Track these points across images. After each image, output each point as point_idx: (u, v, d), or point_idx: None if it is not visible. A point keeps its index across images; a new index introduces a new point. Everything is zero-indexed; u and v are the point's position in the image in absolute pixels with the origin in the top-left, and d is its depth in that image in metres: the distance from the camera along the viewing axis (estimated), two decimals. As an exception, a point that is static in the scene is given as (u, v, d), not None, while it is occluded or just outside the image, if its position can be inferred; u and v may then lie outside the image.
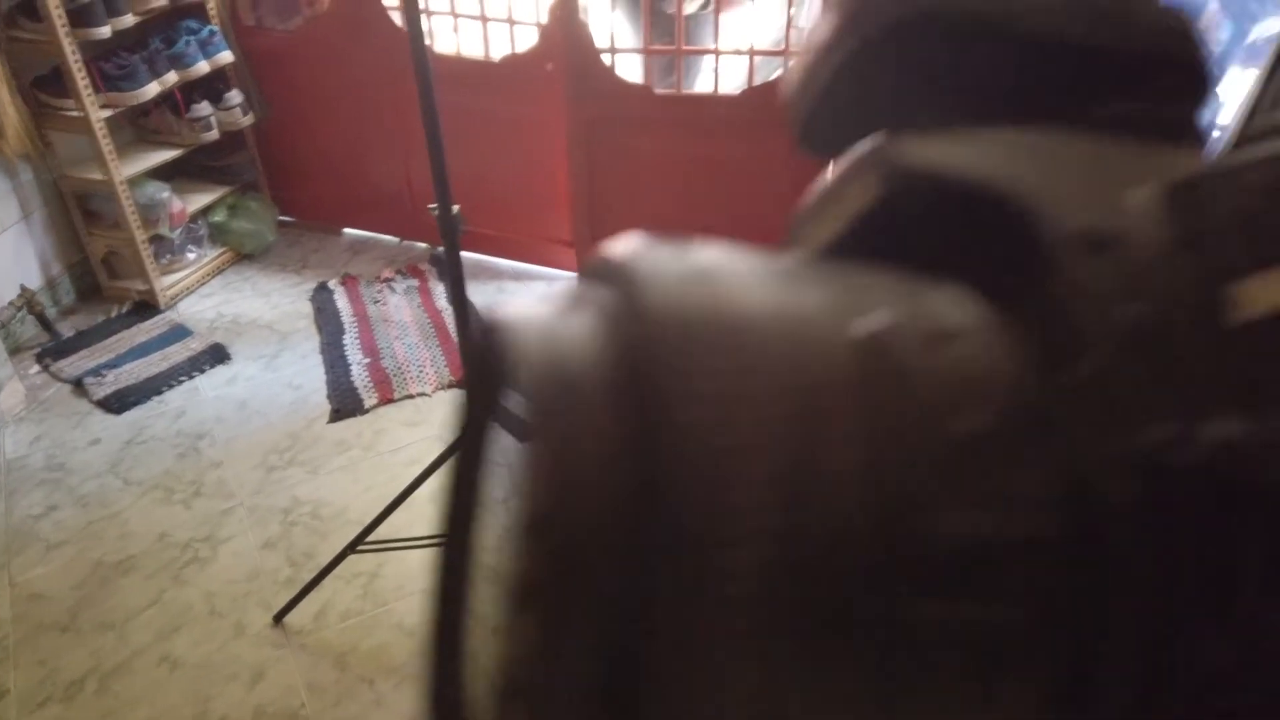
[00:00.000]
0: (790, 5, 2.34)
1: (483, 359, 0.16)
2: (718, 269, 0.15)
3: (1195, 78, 0.21)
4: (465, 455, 0.17)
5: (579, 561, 0.13)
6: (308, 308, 2.75)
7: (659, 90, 2.43)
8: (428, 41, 2.58)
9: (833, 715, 0.13)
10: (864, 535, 0.13)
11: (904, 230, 0.18)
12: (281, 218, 3.09)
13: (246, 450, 2.23)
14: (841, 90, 0.20)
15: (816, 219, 0.20)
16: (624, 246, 0.15)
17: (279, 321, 2.70)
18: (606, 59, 2.38)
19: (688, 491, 0.13)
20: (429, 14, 2.61)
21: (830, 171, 0.20)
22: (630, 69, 2.53)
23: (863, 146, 0.19)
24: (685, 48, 2.40)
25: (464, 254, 2.80)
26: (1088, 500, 0.14)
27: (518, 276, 2.89)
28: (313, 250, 3.03)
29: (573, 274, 2.75)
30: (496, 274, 2.89)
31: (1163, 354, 0.15)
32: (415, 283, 2.84)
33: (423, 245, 2.97)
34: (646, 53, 2.41)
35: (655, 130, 2.42)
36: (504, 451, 0.16)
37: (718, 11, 2.38)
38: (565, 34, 2.34)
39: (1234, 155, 0.16)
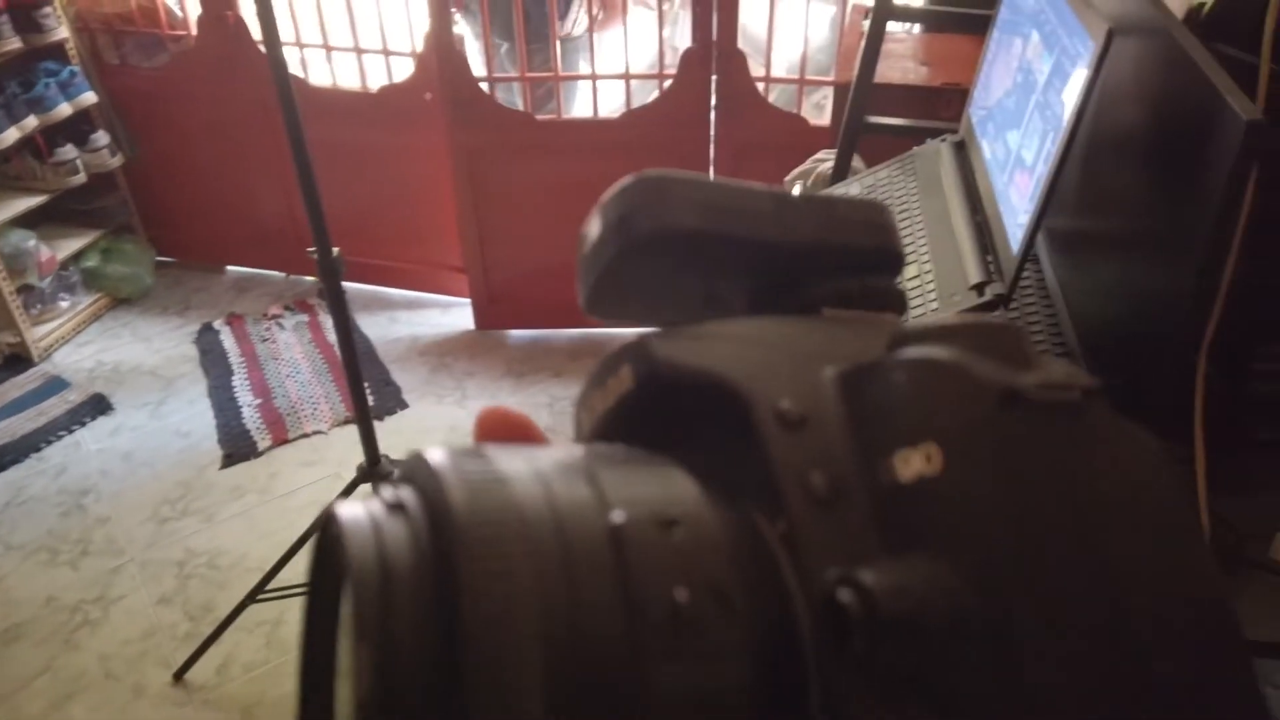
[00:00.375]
0: (662, 28, 2.39)
1: (324, 551, 0.20)
2: (509, 475, 0.19)
3: (890, 258, 0.26)
4: (314, 637, 0.21)
5: None
6: (192, 350, 2.68)
7: (540, 116, 2.45)
8: (301, 74, 2.55)
9: None
10: (615, 680, 0.17)
11: (657, 411, 0.23)
12: (160, 259, 3.00)
13: (135, 504, 2.16)
14: (613, 280, 0.24)
15: (594, 393, 0.24)
16: (435, 456, 0.19)
17: (163, 367, 2.62)
18: (485, 86, 2.39)
19: (478, 664, 0.17)
20: (301, 46, 2.58)
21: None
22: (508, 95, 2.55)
23: (624, 341, 0.24)
24: (563, 74, 2.43)
25: (355, 286, 2.79)
26: (788, 633, 0.19)
27: (410, 305, 2.87)
28: (195, 290, 2.95)
29: (465, 299, 2.75)
30: (388, 304, 2.87)
31: (834, 512, 0.19)
32: (305, 318, 2.80)
33: (310, 279, 2.93)
34: (524, 80, 2.43)
35: (538, 155, 2.44)
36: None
37: (592, 31, 2.42)
38: (442, 63, 2.35)
39: (892, 355, 0.20)
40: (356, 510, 0.19)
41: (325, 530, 0.20)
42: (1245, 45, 0.93)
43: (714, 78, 2.31)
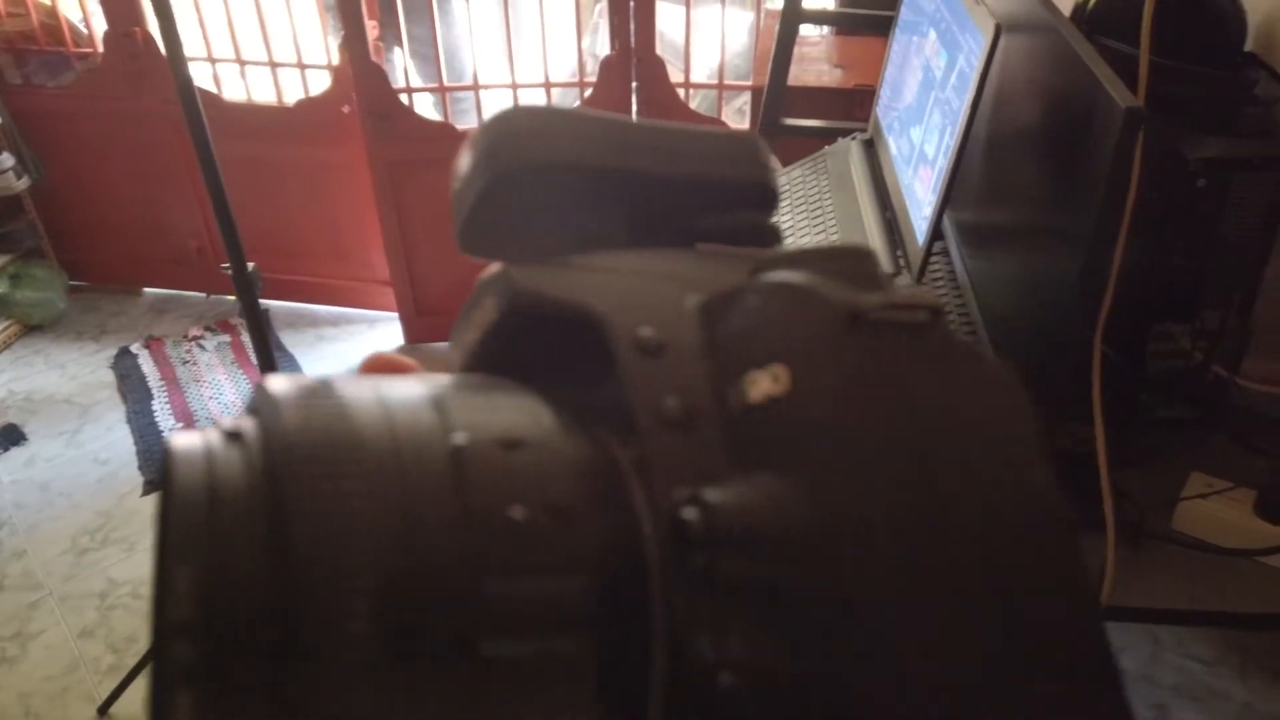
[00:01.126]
0: (581, 37, 2.40)
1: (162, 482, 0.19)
2: (351, 401, 0.19)
3: (766, 192, 0.26)
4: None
5: (223, 648, 0.16)
6: (109, 376, 2.60)
7: (461, 126, 2.44)
8: (214, 89, 2.51)
9: None
10: (448, 595, 0.17)
11: (522, 339, 0.22)
12: (73, 283, 2.91)
13: (53, 535, 2.09)
14: (485, 213, 0.24)
15: (463, 327, 0.24)
16: (275, 384, 0.19)
17: (79, 393, 2.54)
18: (404, 98, 2.37)
19: (309, 581, 0.16)
20: (213, 61, 2.53)
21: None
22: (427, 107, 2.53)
23: (489, 271, 0.23)
24: (482, 84, 2.42)
25: (280, 304, 2.74)
26: (633, 550, 0.19)
27: (336, 322, 2.83)
28: (111, 314, 2.87)
29: (393, 313, 2.72)
30: (314, 321, 2.83)
31: (686, 435, 0.19)
32: (227, 338, 2.74)
33: (232, 299, 2.86)
34: (442, 90, 2.42)
35: (461, 166, 2.43)
36: None
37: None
38: (359, 75, 2.32)
39: (750, 280, 0.21)
40: (191, 439, 0.18)
41: (165, 465, 0.19)
42: (1127, 38, 0.97)
43: (634, 84, 2.33)
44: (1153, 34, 0.93)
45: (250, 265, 1.40)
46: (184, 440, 0.18)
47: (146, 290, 2.96)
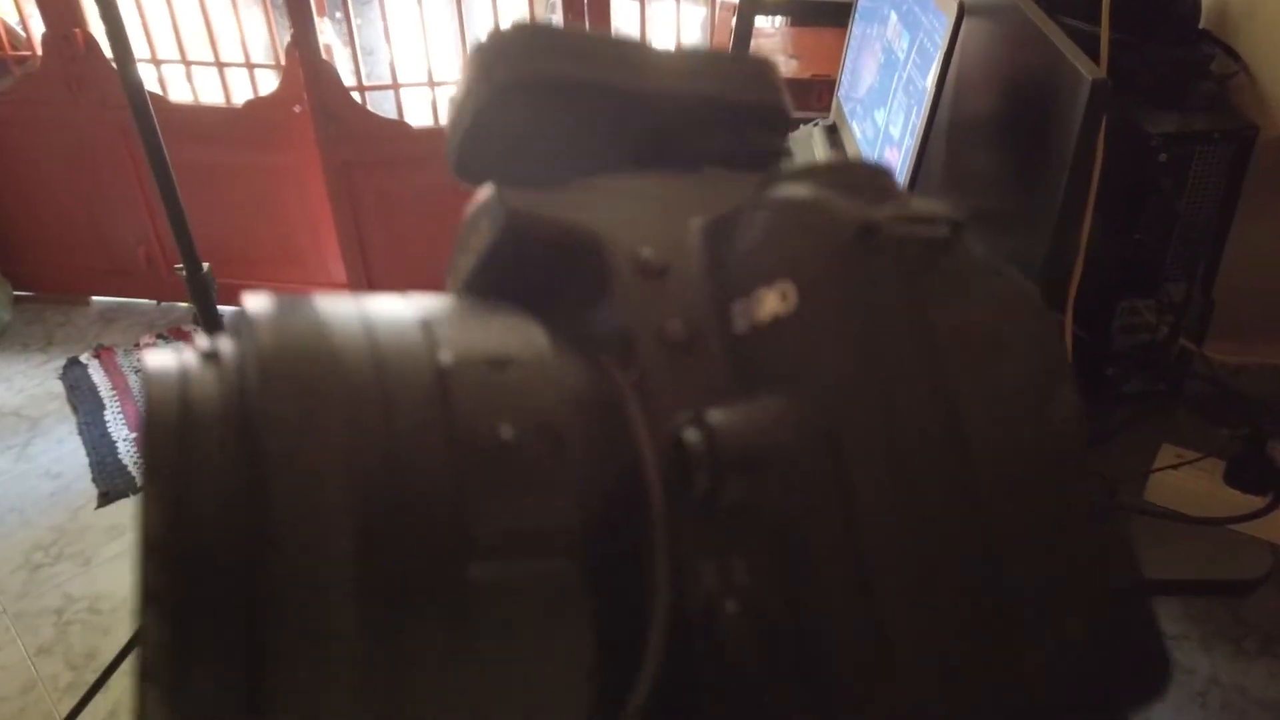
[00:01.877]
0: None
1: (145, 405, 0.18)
2: (332, 322, 0.18)
3: (778, 114, 0.25)
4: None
5: (192, 571, 0.16)
6: (58, 387, 2.53)
7: (417, 125, 2.41)
8: (160, 91, 2.45)
9: (426, 668, 0.16)
10: (432, 516, 0.17)
11: (519, 264, 0.22)
12: (18, 293, 2.83)
13: (5, 553, 2.03)
14: (482, 132, 0.23)
15: (459, 252, 0.24)
16: (255, 304, 0.18)
17: (26, 406, 2.47)
18: (357, 97, 2.34)
19: (283, 501, 0.16)
20: (157, 63, 2.47)
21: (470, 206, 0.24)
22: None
23: (483, 193, 0.22)
24: (436, 81, 2.40)
25: (234, 310, 2.68)
26: (631, 473, 0.18)
27: (293, 326, 2.78)
28: (58, 325, 2.79)
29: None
30: (269, 326, 2.77)
31: (689, 357, 0.19)
32: (180, 345, 2.68)
33: (184, 305, 2.80)
34: (395, 88, 2.39)
35: (417, 164, 2.40)
36: None
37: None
38: (308, 74, 2.28)
39: (757, 197, 0.20)
40: (167, 360, 0.18)
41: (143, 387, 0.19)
42: (1086, 16, 0.98)
43: (590, 79, 2.31)
44: (1111, 11, 0.94)
45: (205, 265, 1.37)
46: (160, 360, 0.18)
47: (94, 299, 2.89)
